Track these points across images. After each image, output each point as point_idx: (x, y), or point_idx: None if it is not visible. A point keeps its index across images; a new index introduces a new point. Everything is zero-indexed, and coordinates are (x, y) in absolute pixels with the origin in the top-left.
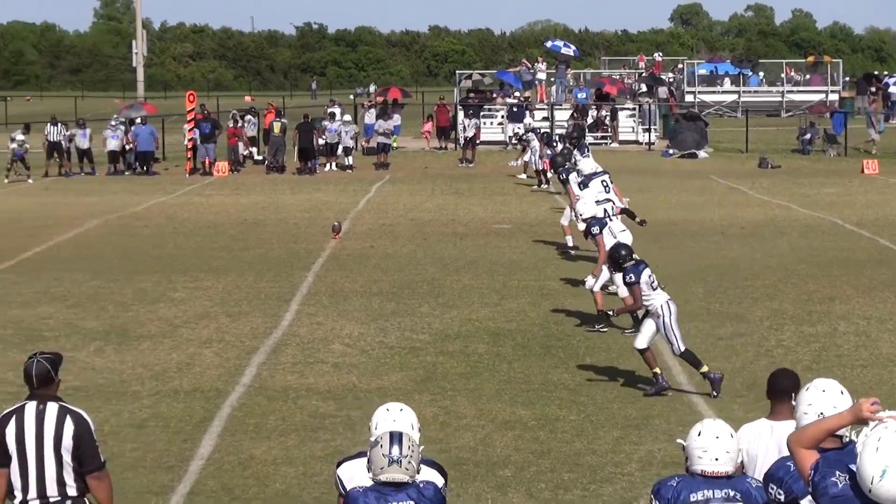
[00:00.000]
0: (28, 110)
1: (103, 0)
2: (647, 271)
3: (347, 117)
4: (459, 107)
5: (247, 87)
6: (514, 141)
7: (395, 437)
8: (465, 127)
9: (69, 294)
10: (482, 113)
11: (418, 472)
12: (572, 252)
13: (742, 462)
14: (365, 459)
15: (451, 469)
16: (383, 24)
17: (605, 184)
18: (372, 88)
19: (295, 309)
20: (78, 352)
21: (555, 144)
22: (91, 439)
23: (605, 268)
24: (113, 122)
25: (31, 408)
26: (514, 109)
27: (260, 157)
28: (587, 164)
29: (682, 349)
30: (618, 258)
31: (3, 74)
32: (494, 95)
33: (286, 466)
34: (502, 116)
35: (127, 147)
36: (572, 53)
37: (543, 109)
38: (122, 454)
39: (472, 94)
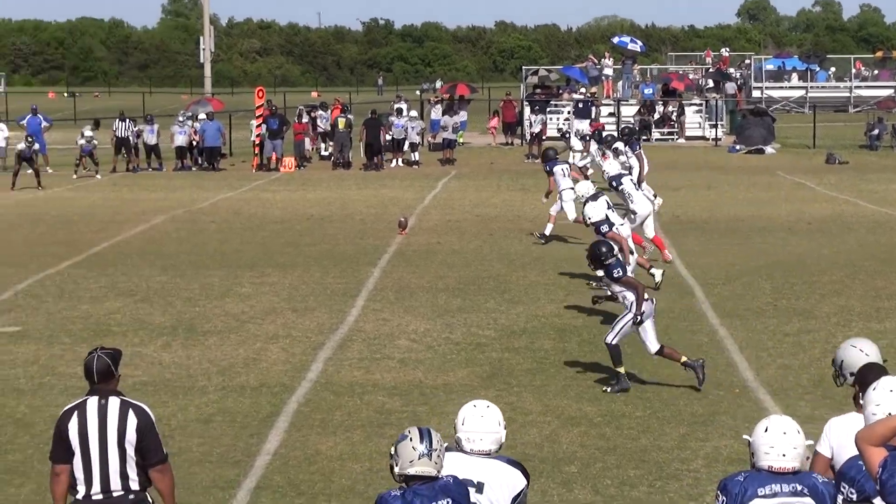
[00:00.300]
0: (97, 106)
1: None
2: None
3: (414, 113)
4: (526, 102)
5: (313, 82)
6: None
7: (425, 432)
8: (531, 123)
9: (137, 289)
10: (548, 109)
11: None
12: (542, 243)
13: (828, 456)
14: (448, 454)
15: None
16: (449, 19)
17: (632, 181)
18: (438, 84)
19: (361, 305)
20: (145, 347)
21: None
22: (153, 433)
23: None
24: (180, 118)
25: (92, 403)
26: (581, 105)
27: (327, 153)
28: (612, 166)
29: (612, 343)
30: (599, 255)
31: (72, 71)
32: (561, 91)
33: (352, 462)
34: (569, 112)
35: (194, 143)
36: (639, 49)
37: (610, 105)
38: (188, 449)
39: (538, 90)
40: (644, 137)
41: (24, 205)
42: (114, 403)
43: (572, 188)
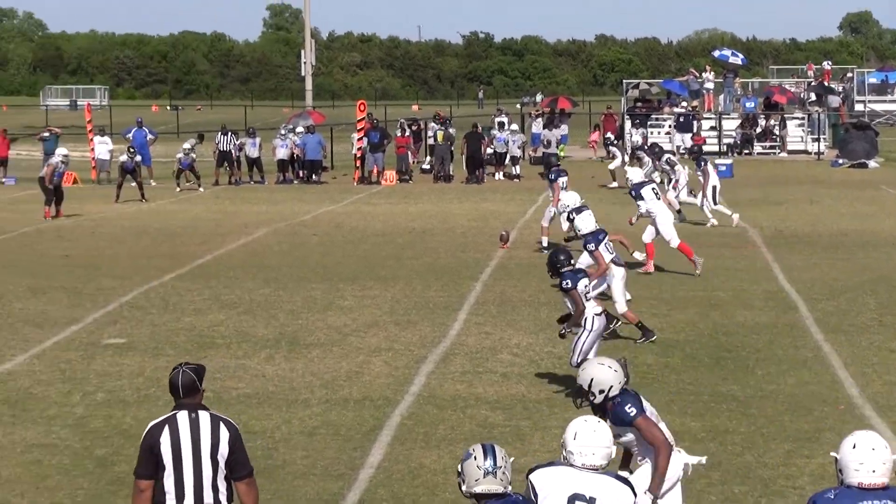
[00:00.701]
0: (199, 119)
1: (272, 10)
2: (584, 280)
3: (515, 126)
4: (626, 116)
5: (413, 96)
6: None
7: (489, 449)
8: (632, 136)
9: (240, 301)
10: (649, 122)
11: (510, 484)
12: (544, 251)
13: None
14: (559, 468)
15: None
16: (550, 33)
17: (654, 191)
18: (539, 98)
19: (463, 318)
20: (249, 359)
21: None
22: (242, 446)
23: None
24: (282, 132)
25: (183, 416)
26: (682, 119)
27: (427, 166)
28: (636, 174)
29: (576, 363)
30: (556, 263)
31: (174, 84)
32: (662, 105)
33: (455, 476)
34: (670, 126)
35: (295, 156)
36: (740, 62)
37: (711, 119)
38: (292, 462)
39: (639, 104)
40: (746, 151)
41: (129, 217)
42: (204, 417)
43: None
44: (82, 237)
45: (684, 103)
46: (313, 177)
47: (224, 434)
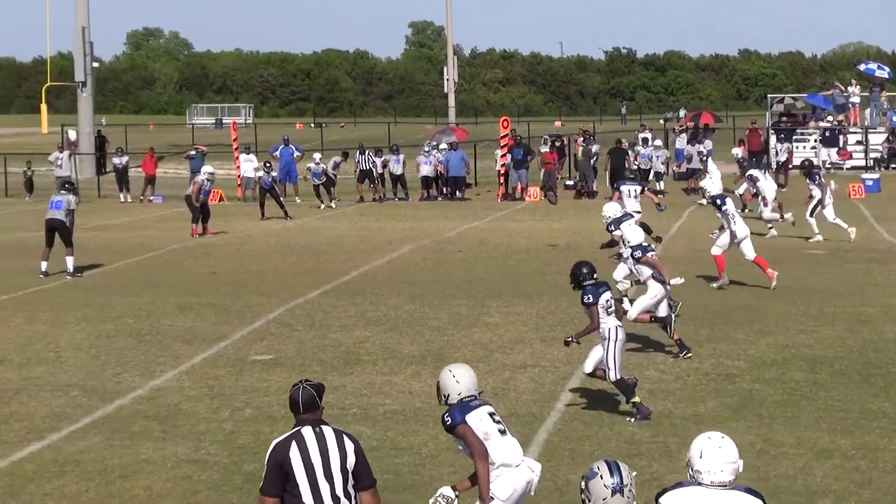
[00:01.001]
0: (343, 137)
1: (415, 27)
2: (606, 294)
3: (658, 142)
4: (771, 131)
5: (556, 112)
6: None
7: (614, 466)
8: (777, 151)
9: (385, 318)
10: (794, 137)
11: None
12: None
13: None
14: (688, 489)
15: (769, 498)
16: (692, 47)
17: (733, 203)
18: (682, 113)
19: None
20: (395, 376)
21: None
22: (365, 457)
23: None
24: (426, 148)
25: (308, 431)
26: (828, 134)
27: (571, 182)
28: (715, 185)
29: (616, 378)
30: (578, 275)
31: (317, 101)
32: (807, 119)
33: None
34: (815, 140)
35: (439, 172)
36: (886, 76)
37: (857, 133)
38: (439, 478)
39: (784, 118)
40: (893, 166)
41: (274, 235)
42: (328, 431)
43: (639, 211)
44: (229, 254)
45: (830, 118)
46: (457, 193)
47: (349, 445)
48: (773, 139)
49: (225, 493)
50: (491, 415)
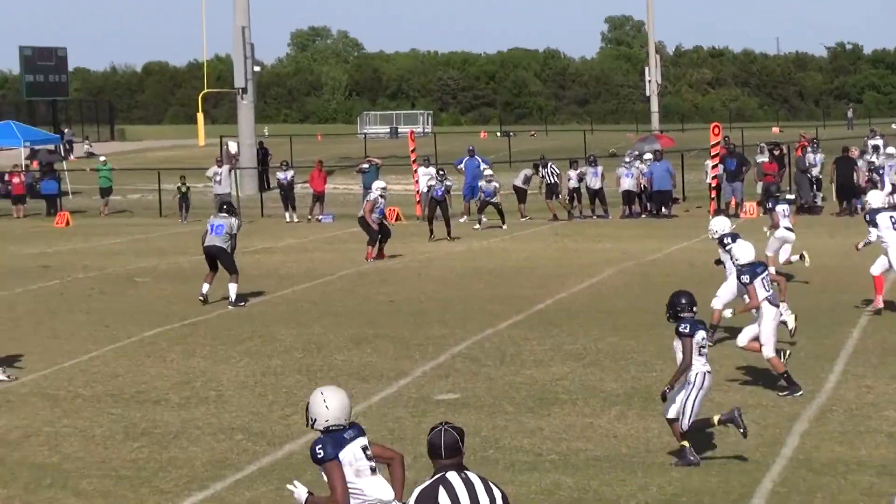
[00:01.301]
0: (534, 146)
1: (612, 23)
2: (701, 332)
3: (891, 149)
4: None
5: (773, 116)
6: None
7: None
8: None
9: (585, 351)
10: None
11: None
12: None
13: None
14: None
15: None
16: None
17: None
18: None
19: (839, 370)
20: (597, 417)
21: None
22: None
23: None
24: (627, 159)
25: (454, 476)
26: None
27: (791, 197)
28: (876, 198)
29: (687, 427)
30: (676, 305)
31: (504, 107)
32: None
33: None
34: None
35: (643, 186)
36: None
37: None
38: None
39: None
40: None
41: (458, 258)
42: (473, 476)
43: (790, 228)
44: (407, 280)
45: None
46: (662, 209)
47: (497, 492)
48: None
49: None
50: (364, 448)
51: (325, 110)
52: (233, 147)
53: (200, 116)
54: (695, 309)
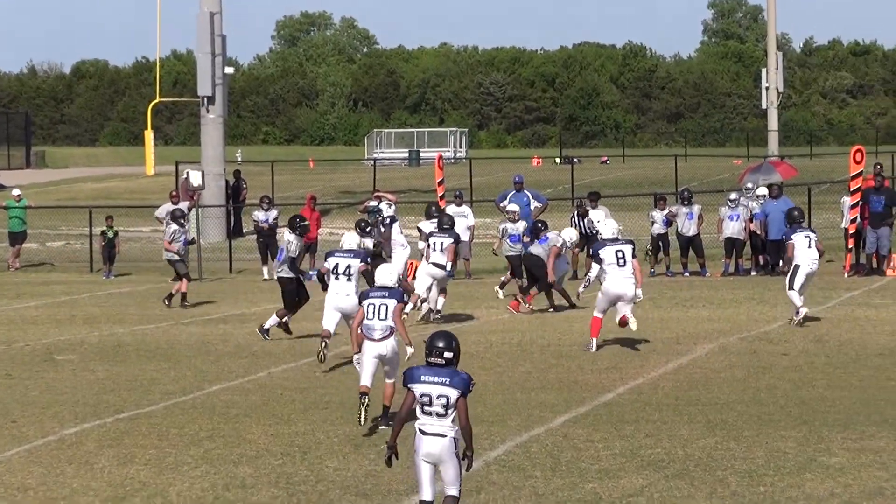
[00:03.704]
0: (604, 177)
1: (717, 9)
2: None
3: None
4: None
5: None
6: None
7: None
8: None
9: (670, 458)
10: None
11: None
12: None
13: None
14: None
15: None
16: None
17: None
18: None
19: None
20: None
21: None
22: None
23: None
24: (732, 196)
25: None
26: None
27: None
28: None
29: None
30: None
31: (566, 123)
32: None
33: None
34: None
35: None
36: None
37: None
38: None
39: None
40: None
41: (499, 329)
42: None
43: None
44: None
45: None
46: (780, 263)
47: None
48: None
49: None
50: None
51: (320, 127)
52: (195, 178)
53: (149, 135)
54: None
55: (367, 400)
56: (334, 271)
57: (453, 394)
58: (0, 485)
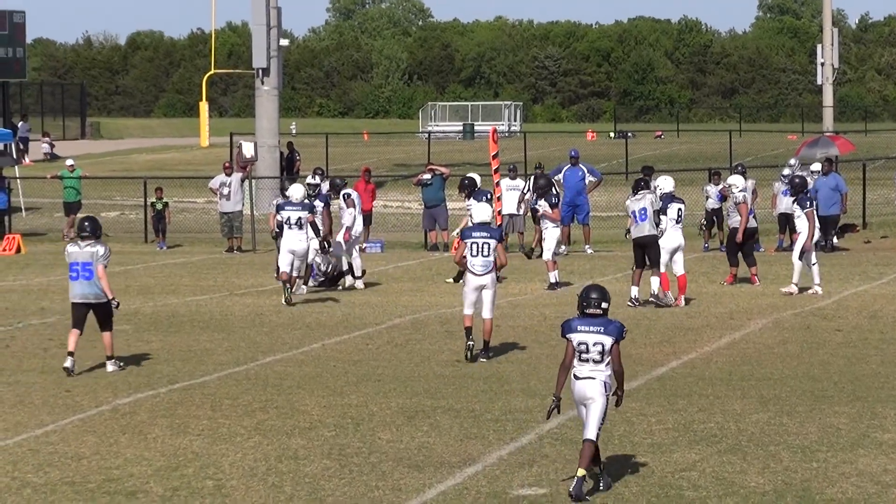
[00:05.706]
0: (659, 151)
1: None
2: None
3: None
4: None
5: None
6: None
7: None
8: None
9: (722, 433)
10: None
11: None
12: None
13: None
14: None
15: None
16: None
17: None
18: None
19: None
20: None
21: None
22: None
23: None
24: (785, 171)
25: None
26: None
27: None
28: None
29: None
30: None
31: (621, 97)
32: None
33: None
34: None
35: None
36: None
37: None
38: None
39: None
40: None
41: (548, 303)
42: None
43: None
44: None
45: None
46: (833, 240)
47: None
48: None
49: None
50: None
51: (375, 100)
52: (248, 149)
53: (204, 107)
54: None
55: (471, 339)
56: (287, 222)
57: (608, 341)
58: (54, 453)
